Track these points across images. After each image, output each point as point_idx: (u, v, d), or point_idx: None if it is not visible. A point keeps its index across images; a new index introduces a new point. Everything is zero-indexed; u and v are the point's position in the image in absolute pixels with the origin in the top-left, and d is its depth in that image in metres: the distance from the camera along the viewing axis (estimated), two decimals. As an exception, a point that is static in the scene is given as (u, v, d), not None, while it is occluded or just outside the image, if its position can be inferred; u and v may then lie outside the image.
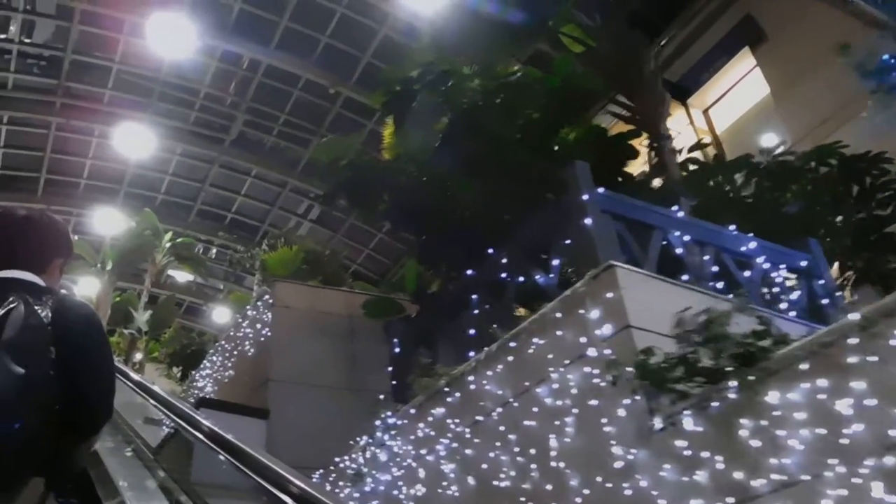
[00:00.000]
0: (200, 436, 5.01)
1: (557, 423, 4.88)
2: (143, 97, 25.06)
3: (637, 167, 10.00)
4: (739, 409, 3.80)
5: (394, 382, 7.38)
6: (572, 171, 6.22)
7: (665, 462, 4.09)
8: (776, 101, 15.37)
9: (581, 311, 4.88)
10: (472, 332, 6.63)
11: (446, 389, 5.97)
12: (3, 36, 23.04)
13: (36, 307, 2.55)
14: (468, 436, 5.65)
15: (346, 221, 28.66)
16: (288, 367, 9.51)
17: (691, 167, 9.84)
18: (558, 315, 5.07)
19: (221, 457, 4.24)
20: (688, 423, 4.04)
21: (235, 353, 10.65)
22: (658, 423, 4.23)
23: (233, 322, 24.11)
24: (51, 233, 2.97)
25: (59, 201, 27.25)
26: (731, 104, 17.37)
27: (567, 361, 4.92)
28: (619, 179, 9.33)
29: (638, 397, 4.37)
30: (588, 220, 5.77)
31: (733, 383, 3.85)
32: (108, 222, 25.43)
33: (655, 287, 5.05)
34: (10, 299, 2.50)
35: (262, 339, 9.74)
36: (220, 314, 30.92)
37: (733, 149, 13.90)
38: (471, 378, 5.75)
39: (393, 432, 6.50)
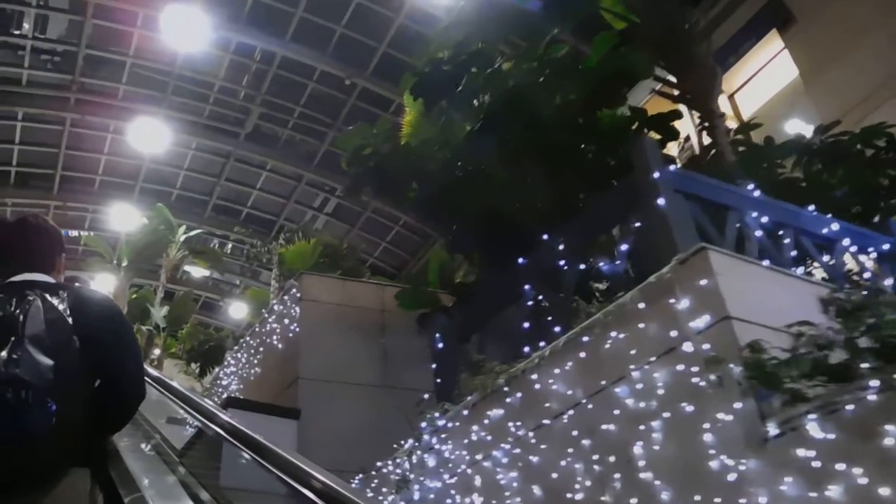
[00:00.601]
0: (229, 437, 4.61)
1: (642, 427, 4.25)
2: (157, 91, 24.53)
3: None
4: (884, 412, 3.17)
5: (438, 380, 6.73)
6: (640, 148, 5.59)
7: (786, 475, 3.46)
8: (805, 85, 14.66)
9: (670, 301, 4.24)
10: (525, 325, 5.99)
11: (505, 389, 5.34)
12: (16, 32, 22.50)
13: (53, 301, 2.64)
14: (532, 440, 5.02)
15: (362, 215, 28.09)
16: (318, 365, 8.91)
17: (740, 149, 9.18)
18: (640, 306, 4.42)
19: (250, 458, 3.96)
20: (813, 429, 3.41)
21: (262, 349, 10.05)
22: (773, 429, 3.60)
23: (258, 317, 23.67)
24: (49, 233, 3.08)
25: (75, 198, 26.77)
26: (757, 88, 16.68)
27: (652, 358, 4.29)
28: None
29: (743, 400, 3.74)
30: (661, 201, 5.14)
31: (874, 383, 3.22)
32: (123, 218, 24.92)
33: (754, 273, 4.41)
34: (28, 296, 2.60)
35: (291, 335, 9.14)
36: (237, 309, 30.43)
37: (759, 134, 13.32)
38: (534, 376, 5.12)
39: (443, 435, 5.87)
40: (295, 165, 27.02)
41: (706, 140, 8.59)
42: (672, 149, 9.73)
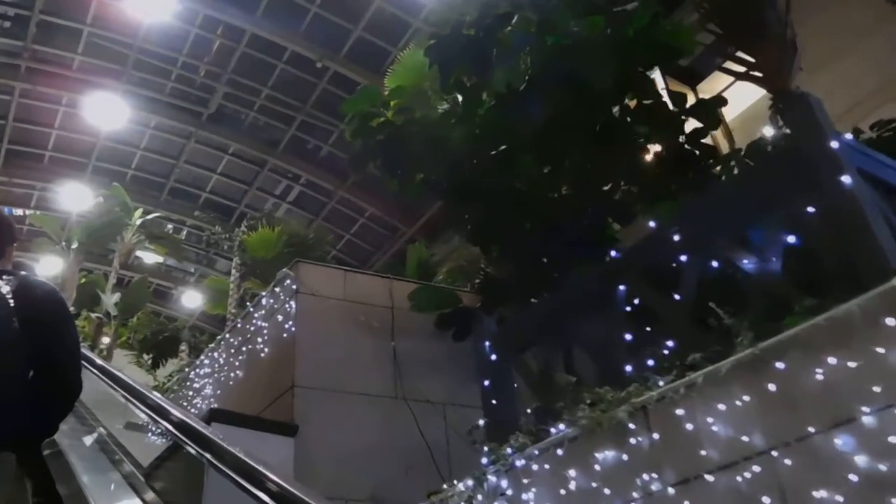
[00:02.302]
0: (216, 461, 3.68)
1: (891, 498, 2.80)
2: (116, 64, 22.43)
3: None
4: None
5: (493, 401, 5.17)
6: (804, 108, 4.14)
7: None
8: (800, 86, 13.53)
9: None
10: (625, 336, 4.49)
11: (631, 426, 3.82)
12: (-39, -9, 20.29)
13: None
14: (677, 499, 3.53)
15: (326, 205, 26.36)
16: (318, 371, 7.28)
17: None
18: (889, 321, 2.96)
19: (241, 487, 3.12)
20: None
21: (245, 349, 8.35)
22: None
23: (215, 307, 21.83)
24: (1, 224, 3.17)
25: (22, 174, 24.52)
26: (745, 90, 15.50)
27: (906, 398, 2.84)
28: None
29: None
30: (846, 179, 3.70)
31: None
32: (74, 198, 22.83)
33: None
34: None
35: (285, 334, 7.47)
36: (191, 298, 28.46)
37: (744, 138, 12.24)
38: (679, 411, 3.62)
39: (524, 480, 4.33)
40: (259, 150, 25.13)
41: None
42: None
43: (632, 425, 3.80)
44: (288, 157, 25.09)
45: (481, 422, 5.04)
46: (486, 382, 5.22)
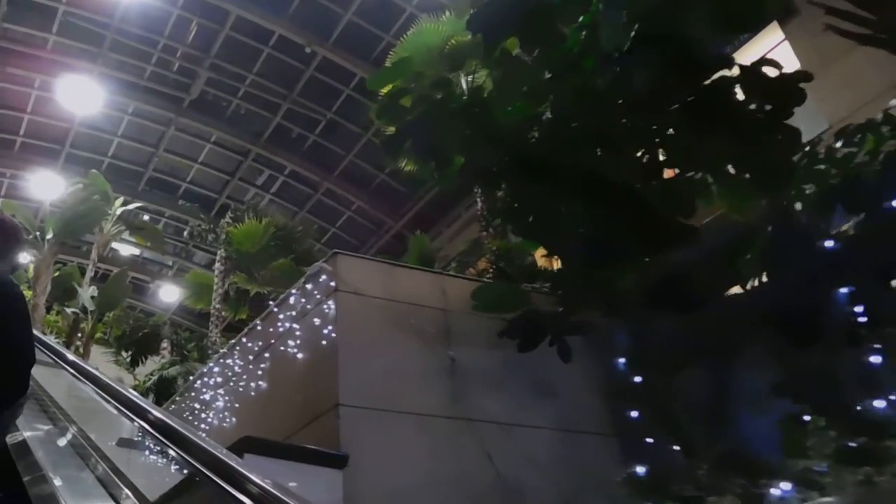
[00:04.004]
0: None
1: None
2: (92, 45, 20.71)
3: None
4: None
5: (647, 439, 3.78)
6: None
7: None
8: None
9: None
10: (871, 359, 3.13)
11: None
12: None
13: None
14: None
15: (312, 197, 24.78)
16: (365, 386, 5.84)
17: None
18: None
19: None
20: None
21: (268, 356, 6.85)
22: None
23: (196, 302, 20.14)
24: None
25: (-9, 160, 22.60)
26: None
27: None
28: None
29: None
30: None
31: None
32: (46, 186, 21.03)
33: None
34: None
35: (324, 341, 5.99)
36: (169, 292, 26.73)
37: None
38: None
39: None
40: (242, 139, 23.46)
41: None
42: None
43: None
44: (272, 146, 23.49)
45: (640, 469, 3.63)
46: (634, 413, 3.83)
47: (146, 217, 25.09)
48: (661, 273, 6.19)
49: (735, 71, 5.78)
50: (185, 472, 3.77)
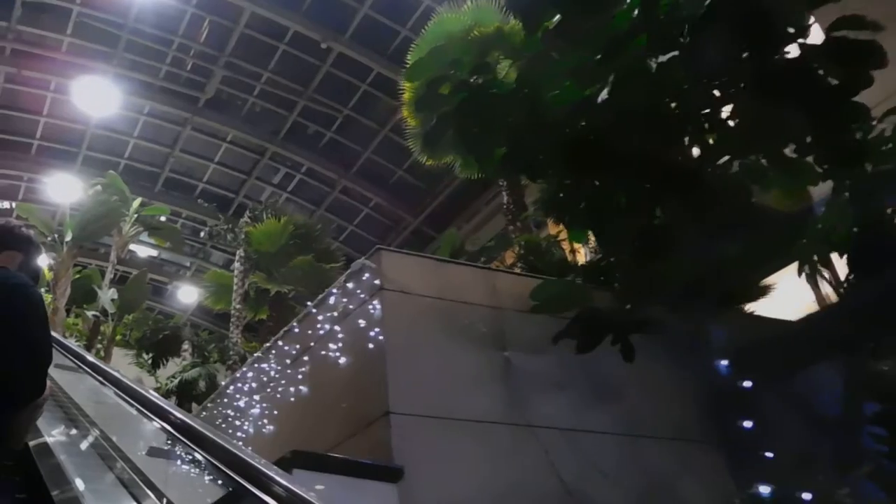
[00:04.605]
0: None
1: None
2: (107, 46, 20.32)
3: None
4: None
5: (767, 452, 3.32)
6: None
7: None
8: None
9: None
10: None
11: None
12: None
13: None
14: None
15: (329, 195, 24.33)
16: (416, 391, 5.39)
17: None
18: None
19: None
20: None
21: (309, 362, 6.38)
22: None
23: (216, 302, 19.71)
24: None
25: (8, 164, 22.32)
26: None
27: None
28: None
29: None
30: None
31: None
32: (63, 189, 20.65)
33: None
34: None
35: (370, 344, 5.53)
36: (187, 293, 26.38)
37: None
38: None
39: None
40: (258, 137, 23.03)
41: None
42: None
43: None
44: (288, 144, 23.07)
45: (763, 489, 3.17)
46: (747, 423, 3.37)
47: (163, 218, 24.78)
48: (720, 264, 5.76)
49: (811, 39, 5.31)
50: (230, 488, 3.35)
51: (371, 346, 5.57)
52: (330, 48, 20.34)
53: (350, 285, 6.07)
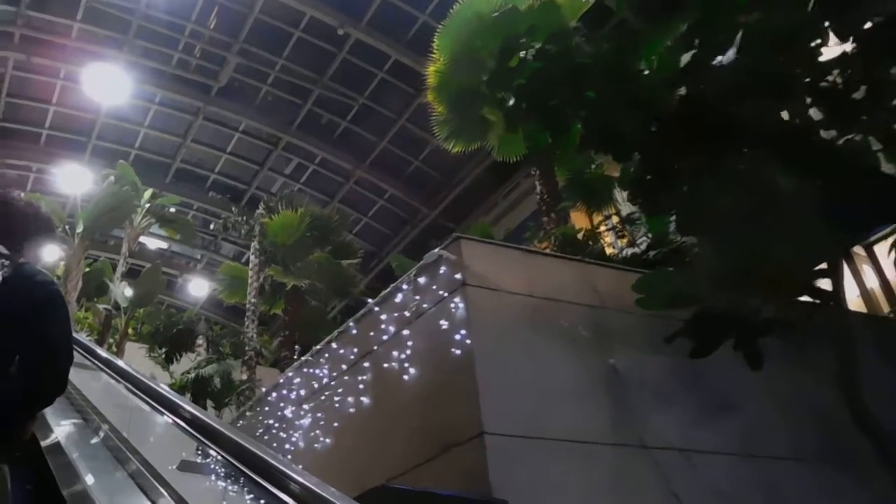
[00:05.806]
0: None
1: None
2: (117, 33, 19.34)
3: None
4: None
5: None
6: None
7: None
8: None
9: None
10: None
11: None
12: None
13: None
14: None
15: (343, 186, 23.39)
16: (514, 407, 4.48)
17: None
18: None
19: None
20: None
21: (371, 368, 5.44)
22: None
23: (231, 296, 18.78)
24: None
25: (16, 154, 21.32)
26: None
27: None
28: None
29: None
30: None
31: None
32: (73, 180, 19.65)
33: None
34: None
35: (456, 349, 4.61)
36: (198, 286, 25.48)
37: None
38: None
39: None
40: (272, 127, 22.06)
41: None
42: None
43: None
44: (302, 134, 22.10)
45: None
46: None
47: (172, 209, 23.84)
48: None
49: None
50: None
51: (455, 351, 4.65)
52: (346, 34, 19.39)
53: (422, 280, 5.15)
